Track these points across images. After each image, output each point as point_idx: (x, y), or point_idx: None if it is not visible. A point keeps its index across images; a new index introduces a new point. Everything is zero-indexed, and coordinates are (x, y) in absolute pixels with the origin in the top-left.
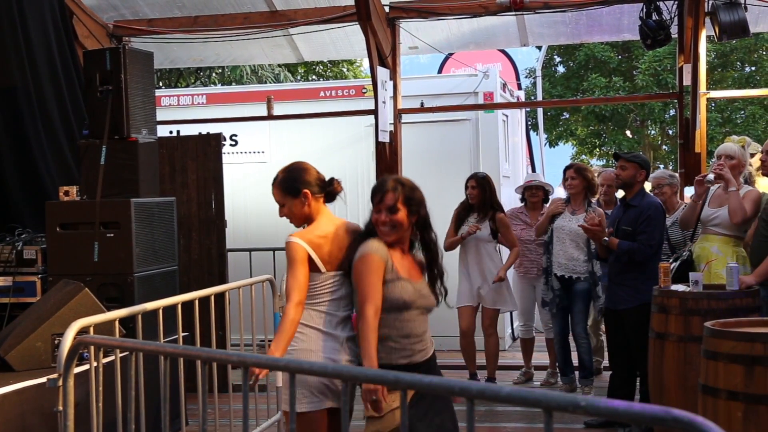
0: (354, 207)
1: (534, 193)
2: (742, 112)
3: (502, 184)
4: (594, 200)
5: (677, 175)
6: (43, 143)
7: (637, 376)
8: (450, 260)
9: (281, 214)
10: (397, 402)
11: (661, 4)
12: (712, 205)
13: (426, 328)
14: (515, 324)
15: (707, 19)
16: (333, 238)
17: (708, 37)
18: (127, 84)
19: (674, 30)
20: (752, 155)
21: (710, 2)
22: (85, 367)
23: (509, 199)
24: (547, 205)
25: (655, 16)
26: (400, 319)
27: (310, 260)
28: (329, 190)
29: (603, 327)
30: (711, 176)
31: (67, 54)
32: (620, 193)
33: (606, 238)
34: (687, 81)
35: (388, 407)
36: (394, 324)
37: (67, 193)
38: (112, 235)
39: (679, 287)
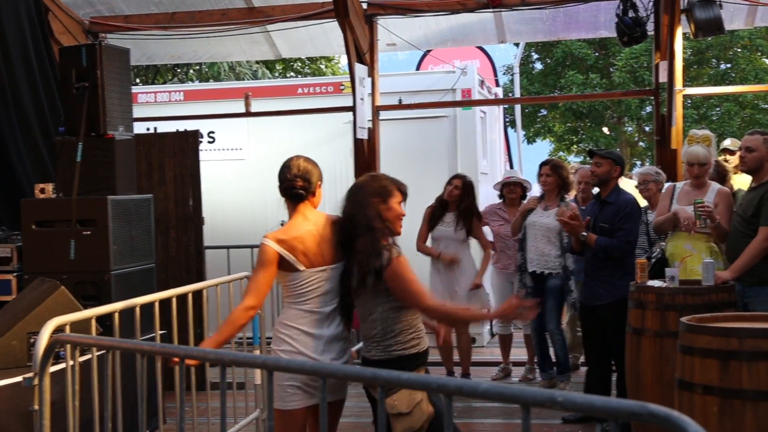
0: (331, 204)
1: (512, 190)
2: (718, 108)
3: (480, 180)
4: (571, 197)
5: (662, 172)
6: (18, 140)
7: (614, 372)
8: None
9: None
10: (419, 396)
11: (637, 1)
12: (681, 204)
13: None
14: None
15: (683, 17)
16: (310, 235)
17: (684, 34)
18: (104, 81)
19: (650, 27)
20: (732, 152)
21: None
22: (62, 365)
23: (487, 195)
24: (525, 202)
25: (631, 14)
26: (411, 311)
27: (284, 260)
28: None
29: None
30: (708, 222)
31: (43, 51)
32: (597, 190)
33: (584, 233)
34: (663, 78)
35: (414, 401)
36: (408, 316)
37: (43, 191)
38: (88, 232)
39: (656, 283)
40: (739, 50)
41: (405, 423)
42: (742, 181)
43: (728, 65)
